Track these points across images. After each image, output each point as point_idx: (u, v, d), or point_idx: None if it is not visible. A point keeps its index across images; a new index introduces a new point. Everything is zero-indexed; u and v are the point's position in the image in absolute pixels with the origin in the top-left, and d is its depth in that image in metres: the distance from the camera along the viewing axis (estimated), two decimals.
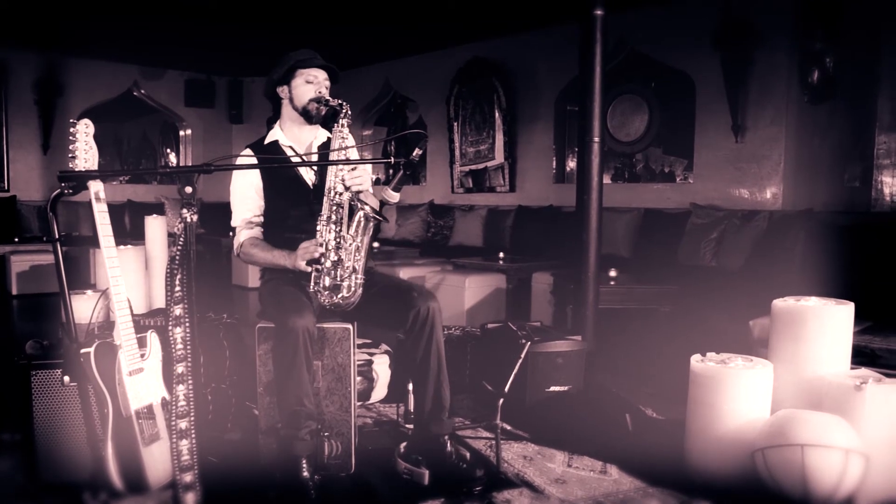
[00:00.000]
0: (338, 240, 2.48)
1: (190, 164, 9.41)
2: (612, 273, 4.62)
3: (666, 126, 7.19)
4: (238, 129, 9.90)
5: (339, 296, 2.49)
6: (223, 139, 9.83)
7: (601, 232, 3.61)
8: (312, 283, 2.50)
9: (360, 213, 2.47)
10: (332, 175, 2.51)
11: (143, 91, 9.19)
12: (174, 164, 12.25)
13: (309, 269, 2.49)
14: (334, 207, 2.50)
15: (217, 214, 7.24)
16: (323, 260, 2.47)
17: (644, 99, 7.20)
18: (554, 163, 7.14)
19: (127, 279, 2.27)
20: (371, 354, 3.50)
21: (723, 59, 5.40)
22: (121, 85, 8.95)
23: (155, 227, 5.39)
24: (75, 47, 8.10)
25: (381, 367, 3.47)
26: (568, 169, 7.31)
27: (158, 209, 8.27)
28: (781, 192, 5.29)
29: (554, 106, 7.03)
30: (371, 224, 2.48)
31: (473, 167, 7.80)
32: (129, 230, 8.24)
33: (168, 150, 13.01)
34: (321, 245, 2.47)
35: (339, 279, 2.48)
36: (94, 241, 2.45)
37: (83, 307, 2.73)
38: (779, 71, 5.20)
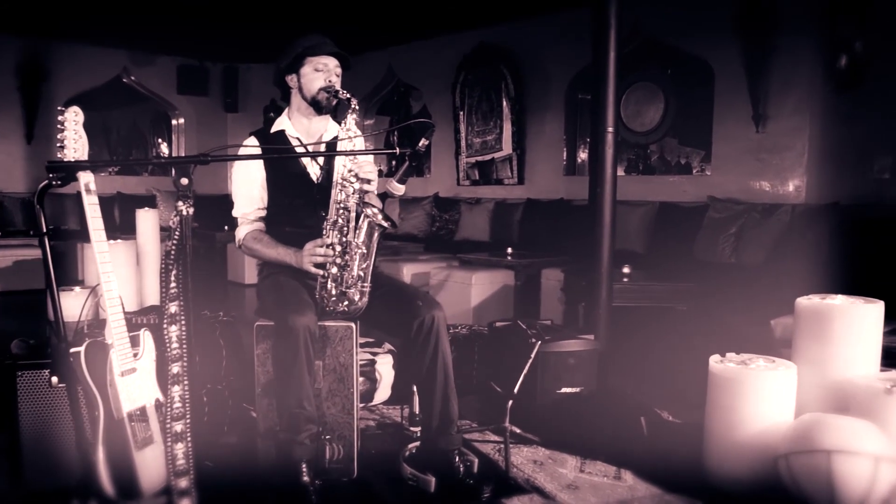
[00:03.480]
0: (344, 246, 2.49)
1: (184, 155, 9.43)
2: (626, 269, 4.60)
3: (682, 115, 7.14)
4: (233, 118, 9.89)
5: (345, 304, 2.51)
6: (218, 128, 9.82)
7: (615, 227, 3.60)
8: (319, 289, 2.52)
9: (367, 221, 2.47)
10: (338, 175, 2.51)
11: (132, 77, 9.18)
12: (166, 154, 12.27)
13: (320, 272, 2.50)
14: (341, 211, 2.50)
15: (211, 208, 7.25)
16: (328, 266, 2.48)
17: (659, 87, 7.15)
18: (564, 154, 7.12)
19: (118, 275, 2.26)
20: (374, 354, 3.50)
21: (743, 45, 5.37)
22: (109, 71, 8.92)
23: (147, 220, 5.37)
24: (61, 31, 8.05)
25: (385, 368, 3.47)
26: (579, 160, 7.29)
27: (150, 202, 8.27)
28: (805, 184, 5.27)
29: (565, 94, 7.01)
30: (378, 231, 2.48)
31: (480, 158, 7.78)
32: (118, 224, 8.23)
33: (159, 140, 13.02)
34: (328, 247, 2.47)
35: (344, 286, 2.49)
36: (82, 235, 2.44)
37: (71, 304, 2.72)
38: (803, 57, 5.16)
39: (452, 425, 2.57)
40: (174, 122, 9.94)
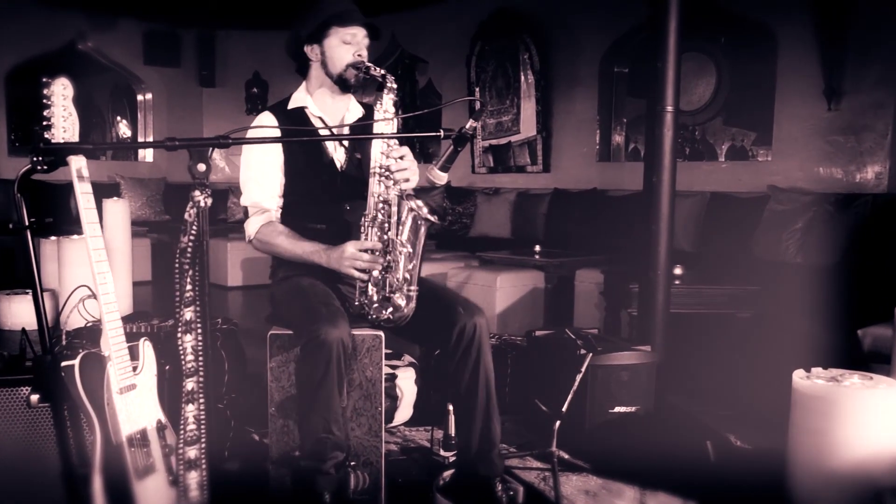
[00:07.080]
0: (386, 244, 2.48)
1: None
2: (678, 270, 4.58)
3: (737, 91, 7.12)
4: (210, 94, 9.87)
5: (389, 310, 2.49)
6: (191, 105, 9.80)
7: (673, 221, 3.60)
8: (358, 295, 2.51)
9: (412, 215, 2.46)
10: (376, 163, 2.48)
11: (90, 44, 9.11)
12: (128, 136, 12.24)
13: (364, 276, 2.48)
14: (380, 205, 2.48)
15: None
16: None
17: (711, 58, 7.13)
18: (598, 137, 7.12)
19: (83, 276, 2.23)
20: (394, 368, 3.49)
21: (815, 6, 5.33)
22: (62, 35, 8.84)
23: (115, 212, 5.33)
24: None
25: (407, 383, 3.46)
26: (614, 144, 7.27)
27: (114, 190, 8.23)
28: (888, 170, 5.25)
29: (598, 68, 7.01)
30: (424, 227, 2.47)
31: (494, 142, 7.79)
32: (75, 215, 8.16)
33: (119, 118, 12.93)
34: (372, 252, 2.46)
35: (388, 291, 2.48)
36: (39, 229, 2.41)
37: (28, 310, 2.70)
38: (891, 17, 5.09)
39: (494, 449, 2.57)
40: (139, 97, 9.91)
